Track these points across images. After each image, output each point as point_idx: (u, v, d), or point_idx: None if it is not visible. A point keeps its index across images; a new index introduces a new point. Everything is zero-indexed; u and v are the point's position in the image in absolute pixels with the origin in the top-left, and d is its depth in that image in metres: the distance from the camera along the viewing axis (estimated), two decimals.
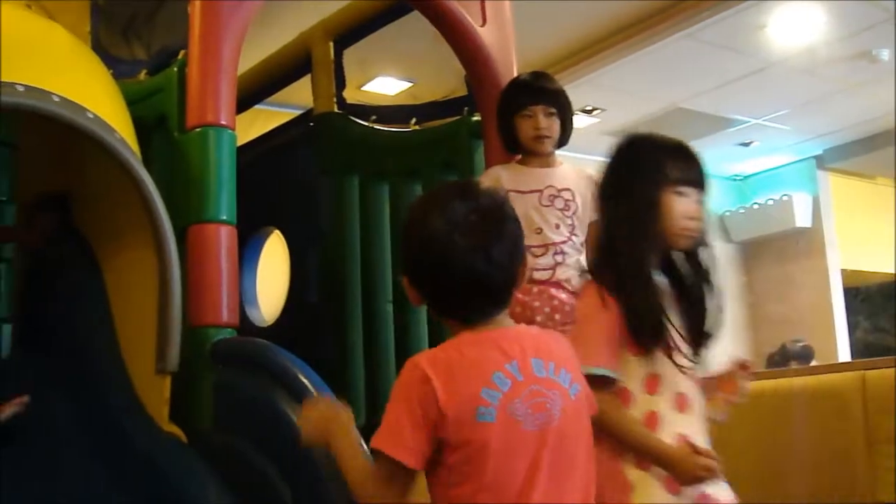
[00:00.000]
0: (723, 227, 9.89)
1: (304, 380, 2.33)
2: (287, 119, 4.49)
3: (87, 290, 2.90)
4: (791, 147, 9.14)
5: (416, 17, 3.59)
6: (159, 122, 2.88)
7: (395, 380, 3.57)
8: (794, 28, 6.57)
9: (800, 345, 7.61)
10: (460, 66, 3.59)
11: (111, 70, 2.99)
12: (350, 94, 4.13)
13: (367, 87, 7.22)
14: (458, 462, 1.68)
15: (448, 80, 4.42)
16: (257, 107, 4.56)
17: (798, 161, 9.45)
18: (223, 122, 2.74)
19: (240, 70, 2.87)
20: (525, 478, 1.68)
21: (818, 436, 3.16)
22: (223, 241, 2.66)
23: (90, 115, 2.47)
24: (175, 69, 2.85)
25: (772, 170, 9.72)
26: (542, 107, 3.11)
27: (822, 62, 7.06)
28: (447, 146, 3.67)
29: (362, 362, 3.83)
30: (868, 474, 2.97)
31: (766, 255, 9.75)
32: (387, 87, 7.34)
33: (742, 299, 9.79)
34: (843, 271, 9.25)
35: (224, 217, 2.68)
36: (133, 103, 2.85)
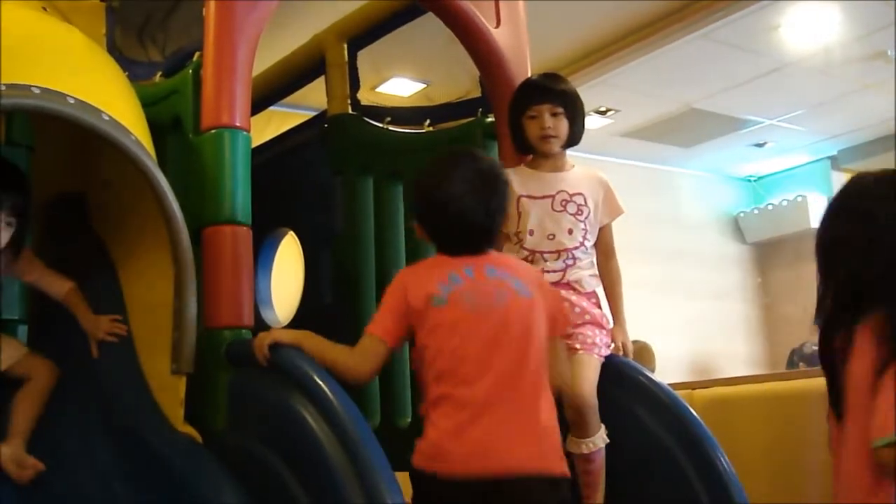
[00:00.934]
0: (737, 228, 9.87)
1: (318, 381, 2.33)
2: (301, 120, 4.50)
3: (103, 290, 2.91)
4: (806, 147, 9.12)
5: (430, 18, 3.59)
6: (174, 123, 2.88)
7: (408, 381, 3.60)
8: (808, 28, 6.56)
9: (814, 347, 7.59)
10: (474, 68, 3.59)
11: (126, 72, 2.99)
12: (364, 96, 4.13)
13: (381, 89, 7.22)
14: (424, 338, 2.34)
15: (462, 82, 4.40)
16: (272, 108, 4.57)
17: (813, 162, 9.43)
18: (238, 124, 2.74)
19: (254, 72, 2.87)
20: (482, 349, 2.29)
21: None
22: (238, 242, 2.66)
23: (106, 117, 2.47)
24: (190, 71, 2.85)
25: (786, 170, 9.70)
26: (547, 106, 3.11)
27: (837, 62, 7.05)
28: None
29: None
30: None
31: (780, 256, 9.73)
32: (401, 88, 7.34)
33: (756, 300, 9.77)
34: None
35: (239, 218, 2.68)
36: (148, 105, 2.85)
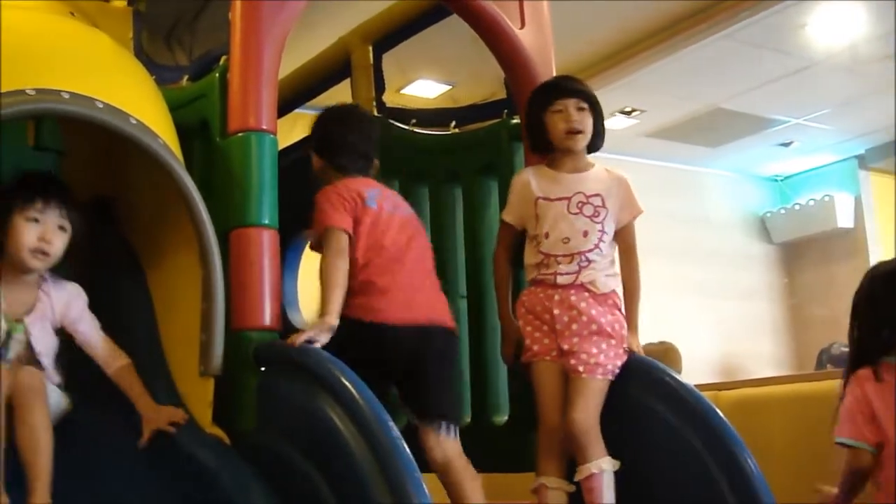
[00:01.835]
0: (763, 227, 9.82)
1: (346, 382, 2.35)
2: None
3: (131, 293, 2.93)
4: (832, 147, 9.06)
5: (455, 20, 3.59)
6: (201, 127, 2.90)
7: None
8: (834, 26, 6.52)
9: (843, 349, 7.55)
10: (500, 69, 3.60)
11: (154, 76, 3.02)
12: (389, 98, 4.14)
13: (406, 91, 7.22)
14: (361, 233, 2.86)
15: (487, 83, 4.41)
16: (298, 110, 4.59)
17: (840, 161, 9.35)
18: (265, 127, 2.76)
19: (280, 74, 2.89)
20: (401, 248, 2.92)
21: None
22: (265, 244, 2.68)
23: (133, 121, 2.50)
24: (217, 75, 2.87)
25: (813, 170, 9.63)
26: (573, 101, 3.11)
27: (864, 60, 6.99)
28: (487, 149, 3.66)
29: None
30: None
31: (807, 256, 9.67)
32: (426, 90, 7.34)
33: (783, 301, 9.72)
34: None
35: (266, 221, 2.70)
36: (175, 109, 2.88)
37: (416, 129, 4.03)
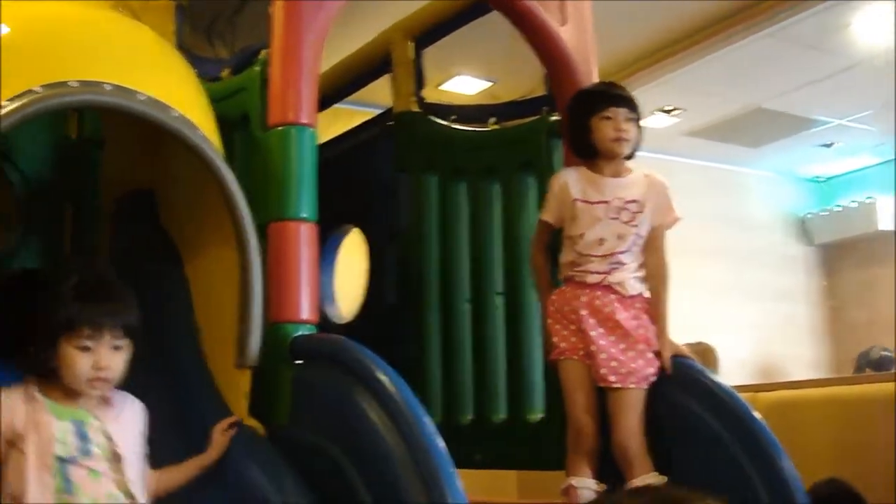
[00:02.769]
0: (804, 229, 9.74)
1: (382, 377, 2.34)
2: (367, 118, 4.52)
3: (170, 284, 2.95)
4: (875, 148, 8.96)
5: (495, 16, 3.59)
6: (242, 120, 2.91)
7: (472, 378, 3.61)
8: (878, 26, 6.45)
9: (882, 353, 7.49)
10: (540, 66, 3.59)
11: (195, 69, 3.03)
12: (429, 94, 4.14)
13: (445, 87, 7.22)
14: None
15: (527, 80, 4.40)
16: (337, 105, 4.59)
17: (882, 163, 9.26)
18: (305, 121, 2.76)
19: (321, 69, 2.90)
20: None
21: None
22: (304, 238, 2.68)
23: (175, 114, 2.52)
24: (257, 68, 2.88)
25: (855, 171, 9.54)
26: (624, 110, 3.12)
27: None
28: (526, 146, 3.66)
29: (439, 361, 3.84)
30: None
31: (847, 258, 9.58)
32: (466, 86, 7.34)
33: (822, 303, 9.64)
34: None
35: (305, 214, 2.70)
36: (216, 102, 2.89)
37: (456, 125, 4.03)
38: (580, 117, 3.18)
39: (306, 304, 2.66)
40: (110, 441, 2.24)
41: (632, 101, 3.17)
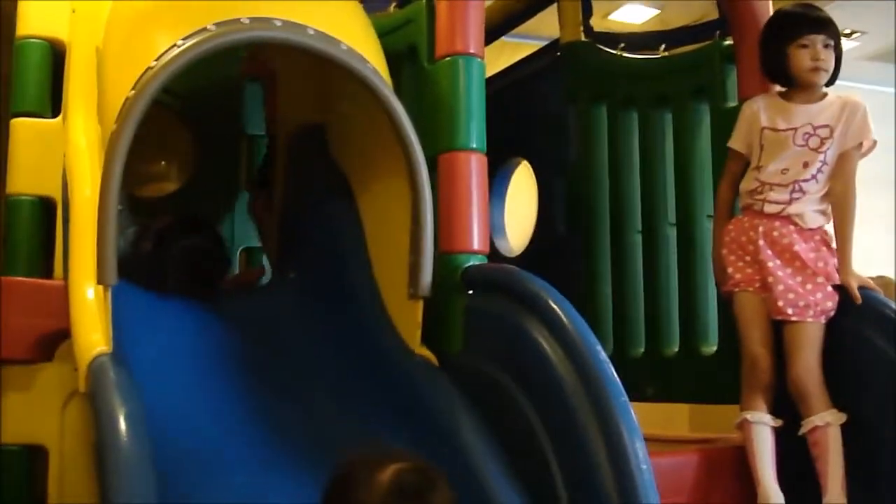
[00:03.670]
0: None
1: (554, 306, 2.33)
2: (533, 51, 4.48)
3: (343, 217, 2.99)
4: None
5: None
6: (410, 52, 2.92)
7: (644, 310, 3.58)
8: None
9: None
10: None
11: (362, 3, 3.05)
12: (596, 24, 4.08)
13: (613, 17, 7.13)
14: None
15: (696, 6, 4.27)
16: (503, 39, 4.57)
17: None
18: (472, 51, 2.75)
19: (486, 2, 2.87)
20: None
21: None
22: (473, 168, 2.68)
23: (343, 48, 2.53)
24: (424, 1, 2.88)
25: None
26: (822, 37, 3.02)
27: None
28: (698, 72, 3.56)
29: (610, 292, 3.82)
30: None
31: None
32: (633, 15, 7.23)
33: None
34: None
35: (474, 145, 2.70)
36: (384, 35, 2.90)
37: (625, 54, 3.96)
38: (775, 44, 3.08)
39: (477, 235, 2.66)
40: None
41: (831, 26, 3.07)
